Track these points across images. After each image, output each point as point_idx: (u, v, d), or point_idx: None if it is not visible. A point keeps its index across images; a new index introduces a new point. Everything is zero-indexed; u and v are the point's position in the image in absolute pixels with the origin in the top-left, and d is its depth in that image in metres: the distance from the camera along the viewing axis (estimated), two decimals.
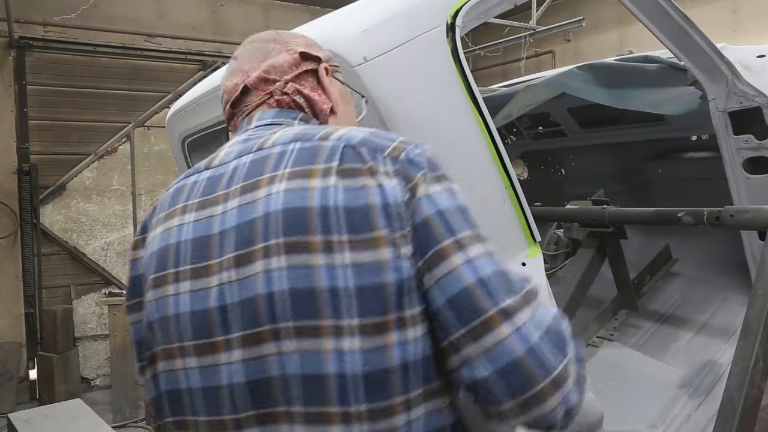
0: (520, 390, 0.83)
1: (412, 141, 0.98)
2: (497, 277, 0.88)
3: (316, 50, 1.21)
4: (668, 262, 3.03)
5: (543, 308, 0.90)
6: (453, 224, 0.90)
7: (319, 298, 0.86)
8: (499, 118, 2.98)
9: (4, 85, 6.55)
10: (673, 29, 2.17)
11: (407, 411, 0.86)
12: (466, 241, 0.90)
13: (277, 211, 0.90)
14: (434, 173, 0.95)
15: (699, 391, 2.29)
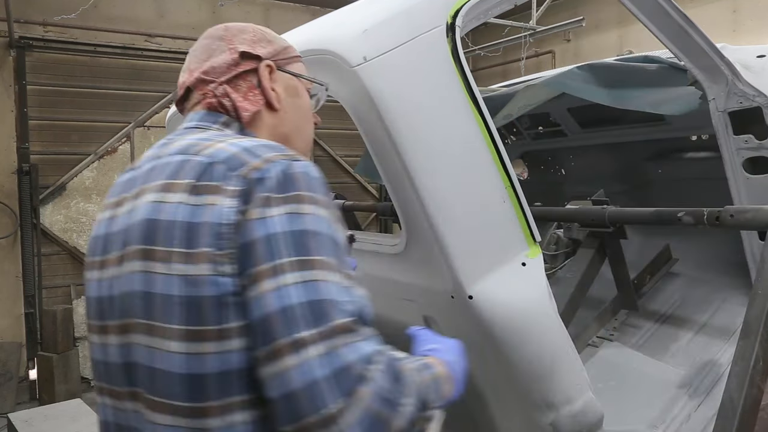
0: (295, 418, 0.86)
1: (282, 158, 1.00)
2: (303, 307, 0.88)
3: (262, 46, 1.24)
4: (668, 262, 3.03)
5: (358, 346, 0.89)
6: (276, 250, 0.91)
7: (156, 302, 0.97)
8: (499, 118, 2.98)
9: (4, 85, 6.55)
10: (673, 29, 2.17)
11: (223, 415, 0.93)
12: (283, 268, 0.90)
13: (141, 220, 1.02)
14: (283, 194, 0.95)
15: (699, 391, 2.29)
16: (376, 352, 0.91)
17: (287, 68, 1.27)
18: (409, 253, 1.68)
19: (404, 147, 1.50)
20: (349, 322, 0.90)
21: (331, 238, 0.96)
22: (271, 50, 1.25)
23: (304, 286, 0.89)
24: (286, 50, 1.28)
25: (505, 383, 1.67)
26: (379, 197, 8.73)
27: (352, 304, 0.92)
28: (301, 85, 1.29)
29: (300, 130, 1.28)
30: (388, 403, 0.88)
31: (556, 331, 1.63)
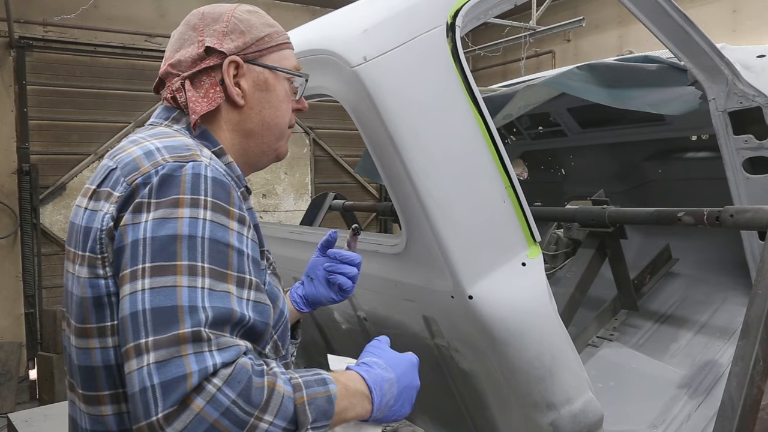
0: (134, 420, 0.87)
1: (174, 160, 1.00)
2: (149, 314, 0.88)
3: (232, 39, 1.19)
4: (668, 262, 3.03)
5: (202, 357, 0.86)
6: (139, 255, 0.92)
7: (68, 299, 1.08)
8: (499, 118, 2.98)
9: (4, 85, 6.55)
10: (673, 29, 2.17)
11: (115, 404, 1.02)
12: (140, 273, 0.91)
13: (70, 222, 1.13)
14: (158, 199, 0.96)
15: (699, 391, 2.29)
16: (222, 364, 0.86)
17: (261, 60, 1.22)
18: (409, 253, 1.68)
19: (404, 147, 1.50)
20: (197, 331, 0.87)
21: (211, 242, 0.94)
22: (241, 43, 1.20)
23: (155, 292, 0.89)
24: (262, 41, 1.22)
25: (505, 383, 1.67)
26: (379, 197, 8.73)
27: (213, 311, 0.89)
28: (275, 77, 1.23)
29: (268, 125, 1.23)
30: (231, 417, 0.85)
31: (556, 331, 1.63)
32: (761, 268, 1.69)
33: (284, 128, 1.27)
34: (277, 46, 1.25)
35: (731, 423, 1.63)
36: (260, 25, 1.24)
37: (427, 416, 2.38)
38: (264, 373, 0.91)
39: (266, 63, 1.22)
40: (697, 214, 1.96)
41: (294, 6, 7.99)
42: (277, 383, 0.91)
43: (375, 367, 1.14)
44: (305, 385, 0.95)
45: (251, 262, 1.00)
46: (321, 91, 1.67)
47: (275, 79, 1.23)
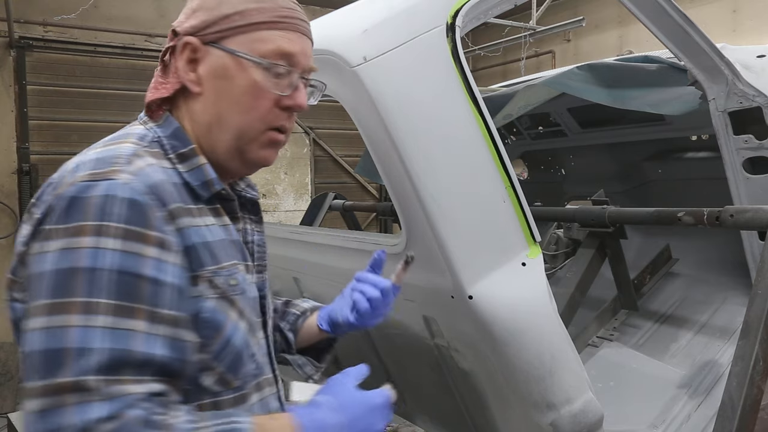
0: None
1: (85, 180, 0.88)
2: (40, 356, 0.81)
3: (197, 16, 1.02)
4: (668, 262, 3.03)
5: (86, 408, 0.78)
6: (38, 290, 0.84)
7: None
8: (499, 118, 2.98)
9: (4, 85, 6.55)
10: (673, 29, 2.17)
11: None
12: (34, 311, 0.84)
13: None
14: (64, 225, 0.86)
15: (699, 391, 2.29)
16: (107, 418, 0.78)
17: (222, 43, 1.01)
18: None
19: (404, 147, 1.50)
20: (81, 381, 0.79)
21: (119, 273, 0.84)
22: (200, 21, 1.01)
23: (48, 332, 0.81)
24: (228, 19, 1.01)
25: (505, 383, 1.67)
26: (379, 197, 8.73)
27: (109, 353, 0.80)
28: (238, 63, 1.01)
29: (224, 120, 1.03)
30: None
31: (556, 331, 1.63)
32: (761, 268, 1.69)
33: (249, 127, 1.04)
34: (251, 25, 1.01)
35: (731, 423, 1.63)
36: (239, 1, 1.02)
37: (427, 416, 2.38)
38: (158, 425, 0.81)
39: (227, 46, 1.01)
40: (697, 214, 1.96)
41: None
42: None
43: (321, 409, 0.98)
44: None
45: (173, 292, 0.89)
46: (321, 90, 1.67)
47: (237, 66, 1.01)
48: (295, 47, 1.04)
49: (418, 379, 2.18)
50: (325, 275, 2.21)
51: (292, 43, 1.03)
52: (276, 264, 2.54)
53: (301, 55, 1.05)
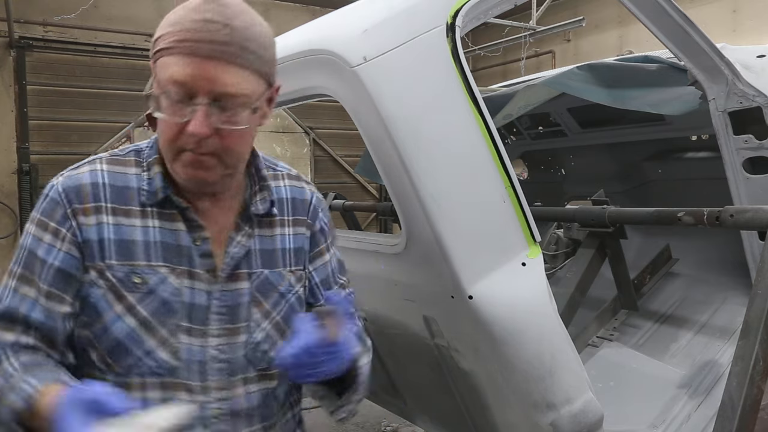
0: None
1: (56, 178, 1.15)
2: None
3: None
4: (668, 262, 3.03)
5: None
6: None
7: None
8: (499, 118, 2.98)
9: (4, 85, 6.56)
10: (673, 29, 2.17)
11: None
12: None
13: None
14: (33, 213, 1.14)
15: (699, 391, 2.29)
16: None
17: (155, 66, 1.06)
18: (409, 253, 1.68)
19: (404, 147, 1.50)
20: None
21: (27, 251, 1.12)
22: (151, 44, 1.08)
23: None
24: (155, 43, 1.06)
25: (505, 383, 1.67)
26: (379, 197, 8.73)
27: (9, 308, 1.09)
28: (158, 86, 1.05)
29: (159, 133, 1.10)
30: None
31: (556, 331, 1.63)
32: (761, 268, 1.69)
33: (165, 150, 1.09)
34: (161, 51, 1.04)
35: (731, 423, 1.63)
36: (163, 24, 1.06)
37: (427, 416, 2.38)
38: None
39: (156, 69, 1.06)
40: (697, 214, 1.96)
41: (294, 6, 7.99)
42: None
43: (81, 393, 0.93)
44: (8, 389, 1.02)
45: (56, 273, 1.10)
46: (321, 91, 1.68)
47: (158, 88, 1.05)
48: (185, 74, 1.01)
49: (418, 379, 2.18)
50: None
51: (183, 70, 1.01)
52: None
53: (197, 81, 1.01)
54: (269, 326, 1.19)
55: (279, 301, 1.21)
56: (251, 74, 1.05)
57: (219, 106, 1.03)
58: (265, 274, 1.19)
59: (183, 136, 1.04)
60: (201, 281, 1.13)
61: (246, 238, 1.18)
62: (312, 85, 1.70)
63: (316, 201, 1.31)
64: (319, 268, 1.30)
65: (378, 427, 4.83)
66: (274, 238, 1.22)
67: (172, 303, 1.10)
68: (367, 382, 1.26)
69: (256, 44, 1.05)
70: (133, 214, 1.11)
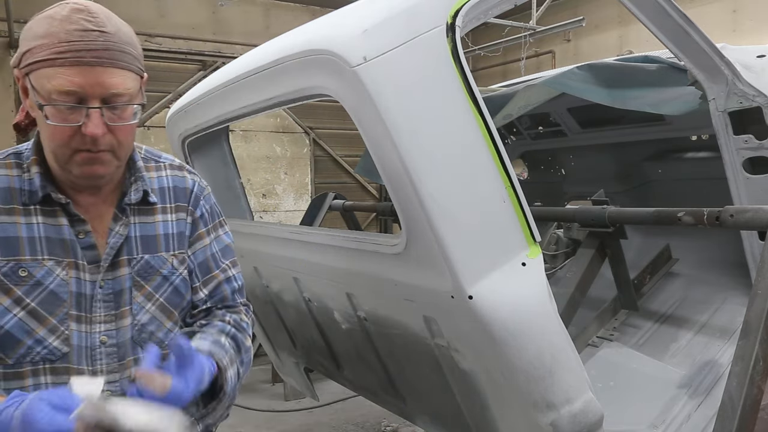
0: None
1: None
2: None
3: (18, 51, 1.15)
4: (668, 262, 3.03)
5: None
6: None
7: None
8: (499, 118, 2.98)
9: (4, 85, 6.56)
10: (673, 29, 2.17)
11: None
12: None
13: None
14: None
15: (699, 391, 2.29)
16: None
17: (29, 78, 1.13)
18: (409, 253, 1.68)
19: (404, 147, 1.50)
20: None
21: None
22: (17, 55, 1.15)
23: None
24: (24, 56, 1.13)
25: (505, 383, 1.67)
26: (379, 197, 8.73)
27: None
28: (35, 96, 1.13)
29: (45, 143, 1.20)
30: None
31: (556, 331, 1.63)
32: (761, 268, 1.69)
33: (57, 152, 1.17)
34: (36, 63, 1.10)
35: (731, 423, 1.63)
36: (33, 36, 1.12)
37: (427, 416, 2.38)
38: None
39: (31, 82, 1.12)
40: (697, 214, 1.96)
41: (294, 6, 7.99)
42: None
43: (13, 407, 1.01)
44: None
45: None
46: (321, 91, 1.67)
47: (41, 98, 1.12)
48: (73, 83, 1.09)
49: (418, 379, 2.18)
50: (325, 275, 2.21)
51: (71, 80, 1.09)
52: (276, 264, 2.54)
53: (87, 87, 1.10)
54: (153, 308, 1.29)
55: (162, 283, 1.31)
56: (131, 73, 1.16)
57: (108, 106, 1.13)
58: (145, 259, 1.29)
59: (77, 138, 1.13)
60: (86, 272, 1.22)
61: (123, 227, 1.27)
62: (312, 85, 1.70)
63: (197, 189, 1.41)
64: (198, 252, 1.39)
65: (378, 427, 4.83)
66: (154, 225, 1.32)
67: (59, 293, 1.20)
68: (235, 388, 1.32)
69: (130, 45, 1.18)
70: (16, 212, 1.19)
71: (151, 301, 1.29)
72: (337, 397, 5.05)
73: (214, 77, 2.36)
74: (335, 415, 5.03)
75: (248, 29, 7.56)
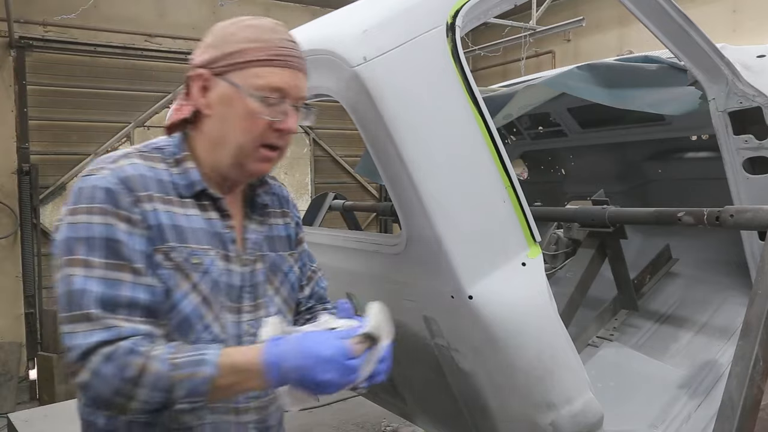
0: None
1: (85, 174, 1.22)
2: (61, 297, 1.15)
3: (209, 52, 1.26)
4: (668, 262, 3.02)
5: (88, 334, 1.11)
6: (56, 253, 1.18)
7: None
8: (499, 118, 2.98)
9: (4, 85, 6.56)
10: (673, 29, 2.17)
11: None
12: (55, 267, 1.17)
13: None
14: (70, 206, 1.19)
15: (699, 391, 2.29)
16: (102, 343, 1.10)
17: (228, 76, 1.24)
18: (409, 253, 1.68)
19: (404, 147, 1.50)
20: (89, 312, 1.12)
21: (104, 240, 1.15)
22: (210, 57, 1.25)
23: (63, 280, 1.15)
24: (230, 56, 1.24)
25: (505, 383, 1.67)
26: (379, 197, 8.73)
27: (105, 297, 1.12)
28: (238, 93, 1.24)
29: (225, 139, 1.27)
30: (107, 385, 1.10)
31: (556, 331, 1.63)
32: (761, 268, 1.69)
33: (245, 145, 1.27)
34: (249, 62, 1.24)
35: (731, 423, 1.63)
36: (239, 40, 1.25)
37: (427, 416, 2.38)
38: (140, 354, 1.11)
39: (231, 79, 1.24)
40: (697, 214, 1.96)
41: (294, 6, 7.99)
42: (150, 364, 1.11)
43: (285, 345, 1.16)
44: (182, 365, 1.12)
45: (141, 254, 1.18)
46: (321, 91, 1.67)
47: (237, 95, 1.24)
48: (284, 82, 1.26)
49: (418, 379, 2.18)
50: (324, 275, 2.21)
51: (282, 79, 1.25)
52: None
53: (292, 88, 1.27)
54: (279, 301, 1.40)
55: (284, 280, 1.43)
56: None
57: (294, 109, 1.28)
58: (272, 256, 1.40)
59: (269, 133, 1.26)
60: (234, 263, 1.30)
61: (258, 225, 1.39)
62: (312, 85, 1.69)
63: (292, 198, 1.56)
64: (302, 254, 1.54)
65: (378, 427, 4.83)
66: (272, 227, 1.43)
67: (219, 282, 1.27)
68: None
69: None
70: (174, 203, 1.25)
71: (278, 295, 1.40)
72: (337, 397, 5.05)
73: None
74: (335, 415, 5.03)
75: None
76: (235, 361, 1.16)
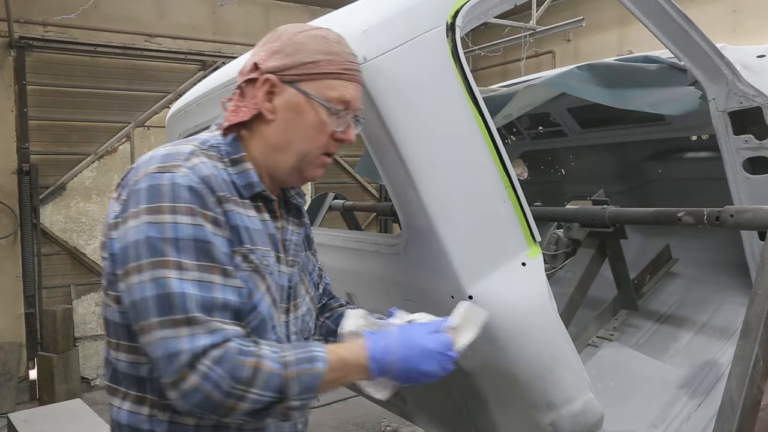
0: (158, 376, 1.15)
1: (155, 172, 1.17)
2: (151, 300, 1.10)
3: (278, 58, 1.26)
4: (668, 262, 3.03)
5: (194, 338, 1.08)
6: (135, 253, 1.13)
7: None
8: (499, 118, 2.98)
9: (4, 85, 6.55)
10: (673, 29, 2.17)
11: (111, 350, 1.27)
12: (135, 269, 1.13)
13: None
14: (146, 205, 1.14)
15: (699, 391, 2.29)
16: (210, 346, 1.08)
17: (299, 84, 1.26)
18: (409, 253, 1.68)
19: (404, 147, 1.50)
20: (194, 316, 1.09)
21: (193, 241, 1.12)
22: (281, 63, 1.26)
23: (155, 282, 1.10)
24: (305, 66, 1.26)
25: (505, 383, 1.67)
26: (379, 197, 8.73)
27: (203, 299, 1.10)
28: (309, 103, 1.27)
29: (289, 144, 1.29)
30: (221, 389, 1.08)
31: (556, 331, 1.63)
32: (761, 268, 1.69)
33: (309, 152, 1.30)
34: (323, 74, 1.27)
35: (731, 423, 1.63)
36: (313, 51, 1.27)
37: (427, 416, 2.38)
38: (251, 354, 1.11)
39: (302, 87, 1.26)
40: (697, 214, 1.96)
41: (294, 6, 7.99)
42: (263, 363, 1.11)
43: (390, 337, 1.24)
44: (294, 363, 1.14)
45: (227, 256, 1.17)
46: None
47: (308, 104, 1.27)
48: (351, 95, 1.30)
49: None
50: None
51: (350, 92, 1.30)
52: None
53: (356, 101, 1.32)
54: (308, 300, 1.43)
55: (310, 279, 1.47)
56: None
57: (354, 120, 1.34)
58: (303, 258, 1.44)
59: (330, 141, 1.31)
60: (283, 264, 1.33)
61: (295, 227, 1.42)
62: None
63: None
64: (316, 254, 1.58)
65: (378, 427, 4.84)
66: (302, 227, 1.47)
67: (279, 283, 1.31)
68: None
69: None
70: (237, 203, 1.24)
71: (308, 295, 1.44)
72: (337, 397, 5.05)
73: (214, 77, 2.36)
74: (335, 415, 5.03)
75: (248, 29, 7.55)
76: (342, 356, 1.20)
